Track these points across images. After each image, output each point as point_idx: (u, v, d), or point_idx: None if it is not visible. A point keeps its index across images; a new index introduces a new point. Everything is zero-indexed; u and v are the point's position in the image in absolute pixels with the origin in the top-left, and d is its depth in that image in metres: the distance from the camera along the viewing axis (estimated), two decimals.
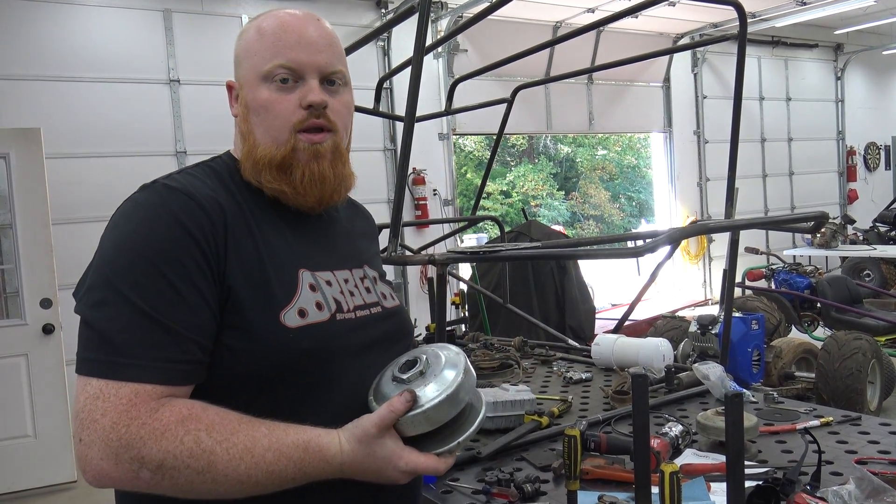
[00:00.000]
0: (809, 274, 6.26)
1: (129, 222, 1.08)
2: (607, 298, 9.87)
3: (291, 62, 1.17)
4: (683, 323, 4.98)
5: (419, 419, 1.07)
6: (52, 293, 4.75)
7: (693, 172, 10.27)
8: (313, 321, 1.13)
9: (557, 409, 2.32)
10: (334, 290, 1.20)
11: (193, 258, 1.05)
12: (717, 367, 2.37)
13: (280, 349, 1.09)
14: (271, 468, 1.00)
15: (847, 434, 2.01)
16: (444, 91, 7.75)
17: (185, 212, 1.07)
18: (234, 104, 1.26)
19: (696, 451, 1.95)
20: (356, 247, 1.35)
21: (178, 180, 1.13)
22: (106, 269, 1.05)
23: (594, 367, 2.93)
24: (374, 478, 1.09)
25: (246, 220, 1.14)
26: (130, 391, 0.98)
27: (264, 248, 1.13)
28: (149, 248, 1.04)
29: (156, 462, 0.96)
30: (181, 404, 1.01)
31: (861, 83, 12.47)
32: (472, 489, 1.79)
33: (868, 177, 12.55)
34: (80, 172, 5.93)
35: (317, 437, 1.05)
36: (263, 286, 1.10)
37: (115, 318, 1.00)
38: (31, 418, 4.71)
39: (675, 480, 1.19)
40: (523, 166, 20.73)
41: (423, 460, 1.08)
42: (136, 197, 1.12)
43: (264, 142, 1.19)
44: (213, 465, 0.97)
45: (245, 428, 1.01)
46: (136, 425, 0.96)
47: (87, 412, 0.97)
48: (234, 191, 1.17)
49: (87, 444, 0.97)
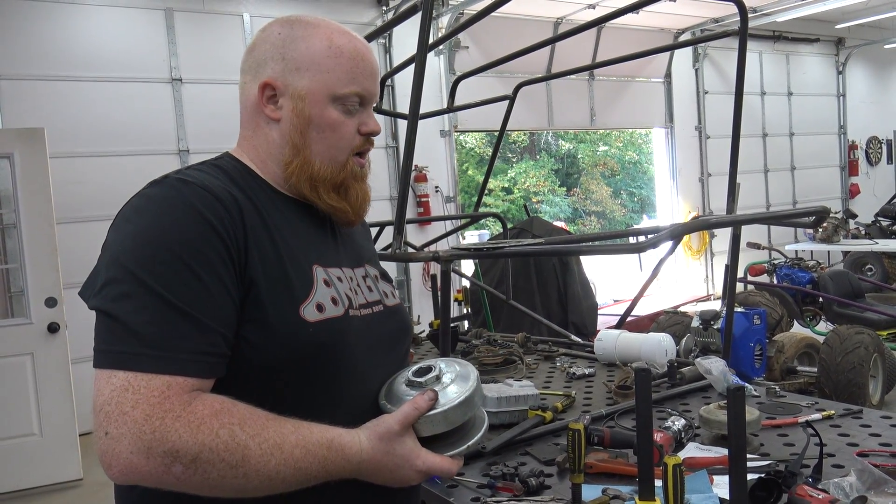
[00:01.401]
0: (811, 269, 6.26)
1: (144, 216, 1.06)
2: (609, 294, 9.88)
3: (366, 92, 1.22)
4: (686, 318, 5.00)
5: (438, 419, 1.11)
6: (56, 292, 4.77)
7: (695, 168, 10.27)
8: (330, 316, 1.14)
9: (561, 405, 2.34)
10: (345, 287, 1.22)
11: (216, 250, 1.03)
12: (720, 361, 2.38)
13: (299, 342, 1.10)
14: (299, 465, 1.01)
15: (849, 427, 2.03)
16: (446, 88, 7.76)
17: (204, 204, 1.05)
18: (268, 105, 1.21)
19: (699, 445, 1.97)
20: (356, 246, 1.37)
21: (191, 175, 1.12)
22: (127, 262, 1.01)
23: (597, 363, 2.94)
24: (387, 477, 1.11)
25: (261, 216, 1.13)
26: (162, 383, 0.96)
27: (281, 243, 1.13)
28: (171, 240, 1.02)
29: (191, 455, 0.94)
30: (212, 398, 1.00)
31: (862, 77, 12.46)
32: (478, 483, 1.81)
33: (870, 171, 12.55)
34: (84, 172, 5.96)
35: (339, 436, 1.06)
36: (282, 280, 1.11)
37: (141, 309, 0.98)
38: (37, 417, 4.74)
39: (679, 473, 1.21)
40: (525, 162, 20.72)
41: (439, 461, 1.11)
42: (147, 192, 1.10)
43: (322, 160, 1.21)
44: (246, 459, 0.97)
45: (273, 424, 1.01)
46: (170, 418, 0.94)
47: (116, 404, 0.94)
48: (245, 188, 1.16)
49: (115, 437, 0.93)
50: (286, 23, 1.22)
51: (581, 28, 3.13)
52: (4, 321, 4.98)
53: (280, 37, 1.20)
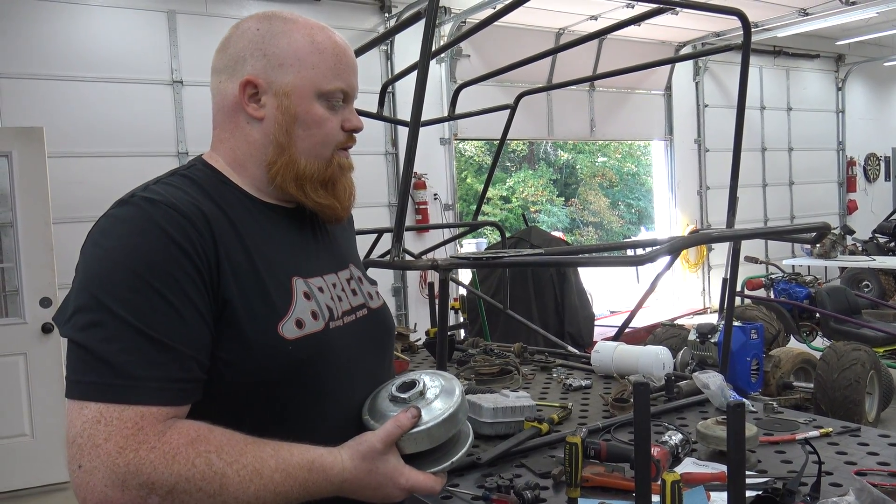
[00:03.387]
0: (809, 284, 6.26)
1: (110, 238, 1.02)
2: (606, 305, 9.88)
3: (349, 88, 1.21)
4: (682, 331, 4.99)
5: (422, 436, 1.10)
6: (51, 292, 4.75)
7: (693, 181, 10.29)
8: (310, 331, 1.12)
9: (557, 416, 2.32)
10: (326, 297, 1.19)
11: (185, 271, 1.00)
12: (717, 376, 2.37)
13: (278, 361, 1.07)
14: (279, 489, 0.99)
15: (846, 445, 2.02)
16: (446, 96, 7.77)
17: (171, 224, 1.02)
18: (250, 104, 1.17)
19: (696, 460, 1.95)
20: (338, 247, 1.33)
21: (158, 192, 1.07)
22: (94, 289, 0.98)
23: (594, 375, 2.93)
24: (370, 495, 1.10)
25: (234, 229, 1.10)
26: (135, 414, 0.94)
27: (257, 257, 1.10)
28: (137, 264, 0.98)
29: (167, 487, 0.92)
30: (188, 426, 0.98)
31: (862, 94, 12.50)
32: (472, 495, 1.79)
33: (868, 188, 12.58)
34: (82, 172, 5.93)
35: (320, 457, 1.05)
36: (260, 296, 1.08)
37: (111, 338, 0.95)
38: (29, 417, 4.71)
39: (677, 489, 1.20)
40: (523, 172, 20.75)
41: (423, 478, 1.10)
42: (113, 212, 1.06)
43: (308, 157, 1.18)
44: (224, 487, 0.95)
45: (252, 449, 0.99)
46: (144, 449, 0.92)
47: (88, 437, 0.92)
48: (217, 199, 1.12)
49: (88, 471, 0.91)
50: (263, 18, 1.18)
51: (582, 39, 3.13)
52: None
53: (259, 33, 1.16)
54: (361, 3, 7.39)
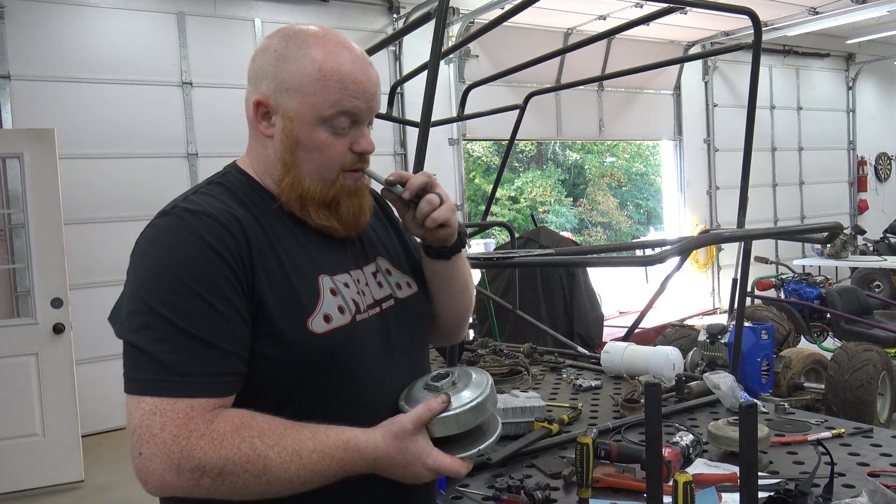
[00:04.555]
0: (819, 284, 6.23)
1: (156, 248, 1.13)
2: (615, 306, 9.85)
3: (356, 112, 1.21)
4: (692, 332, 4.96)
5: (450, 421, 1.17)
6: (63, 293, 4.77)
7: (703, 181, 10.25)
8: (337, 325, 1.19)
9: (567, 417, 2.32)
10: (352, 292, 1.25)
11: (224, 276, 1.10)
12: (728, 376, 2.36)
13: (309, 354, 1.15)
14: (317, 468, 1.08)
15: (859, 446, 2.01)
16: (455, 96, 7.77)
17: (209, 233, 1.11)
18: (262, 122, 1.23)
19: (708, 461, 1.94)
20: (366, 241, 1.37)
21: (196, 202, 1.16)
22: (143, 294, 1.10)
23: (603, 375, 2.92)
24: (400, 473, 1.16)
25: (266, 235, 1.18)
26: (186, 406, 1.05)
27: (286, 259, 1.18)
28: (181, 271, 1.09)
29: (216, 469, 1.03)
30: (233, 414, 1.08)
31: (872, 93, 12.43)
32: (483, 495, 1.79)
33: (878, 187, 12.50)
34: (92, 173, 5.97)
35: (354, 437, 1.12)
36: (290, 296, 1.16)
37: (161, 339, 1.06)
38: (40, 417, 4.73)
39: (689, 491, 1.19)
40: (532, 172, 20.69)
41: (449, 461, 1.16)
42: (157, 223, 1.16)
43: (311, 178, 1.22)
44: (267, 468, 1.05)
45: (291, 432, 1.08)
46: (195, 437, 1.03)
47: (146, 427, 1.03)
48: (251, 206, 1.20)
49: (147, 457, 1.03)
50: (284, 37, 1.23)
51: (591, 39, 3.13)
52: (10, 321, 4.98)
53: (276, 54, 1.21)
54: (370, 4, 7.39)
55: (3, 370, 4.66)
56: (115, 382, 4.48)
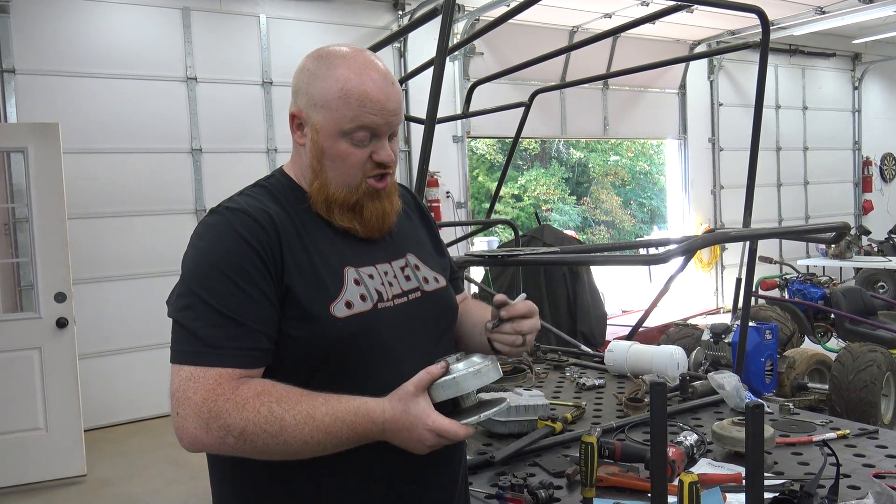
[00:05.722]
0: (824, 284, 6.20)
1: (202, 241, 1.31)
2: (618, 304, 9.83)
3: (374, 127, 1.35)
4: (696, 331, 4.95)
5: (449, 383, 1.26)
6: (66, 287, 4.77)
7: (707, 180, 10.22)
8: (358, 311, 1.33)
9: (571, 416, 2.31)
10: (376, 283, 1.38)
11: (255, 265, 1.27)
12: (733, 376, 2.35)
13: (331, 336, 1.29)
14: (330, 430, 1.21)
15: (864, 447, 2.00)
16: (459, 93, 7.75)
17: (245, 228, 1.29)
18: (297, 132, 1.40)
19: (712, 461, 1.94)
20: (399, 239, 1.49)
21: (238, 202, 1.35)
22: (188, 280, 1.28)
23: (607, 374, 2.92)
24: (406, 437, 1.25)
25: (297, 230, 1.34)
26: (216, 374, 1.21)
27: (314, 252, 1.34)
28: (219, 261, 1.27)
29: (239, 429, 1.18)
30: (256, 382, 1.24)
31: (878, 93, 12.38)
32: (486, 493, 1.79)
33: (883, 188, 12.45)
34: (96, 168, 5.96)
35: (364, 403, 1.24)
36: (316, 283, 1.31)
37: (199, 317, 1.24)
38: (43, 411, 4.73)
39: (695, 491, 1.18)
40: (535, 170, 20.67)
41: (448, 422, 1.24)
42: (206, 220, 1.35)
43: (336, 184, 1.37)
44: (283, 429, 1.19)
45: (306, 399, 1.22)
46: (222, 400, 1.19)
47: (182, 391, 1.21)
48: (287, 207, 1.37)
49: (182, 416, 1.20)
50: (318, 57, 1.38)
51: (597, 37, 3.12)
52: (13, 315, 4.99)
53: (308, 72, 1.37)
54: (374, 1, 7.37)
55: (7, 364, 4.66)
56: (118, 377, 4.55)
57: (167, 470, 4.83)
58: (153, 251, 6.04)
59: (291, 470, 1.28)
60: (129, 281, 6.05)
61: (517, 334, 1.39)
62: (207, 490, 1.43)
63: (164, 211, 6.20)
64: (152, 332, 5.71)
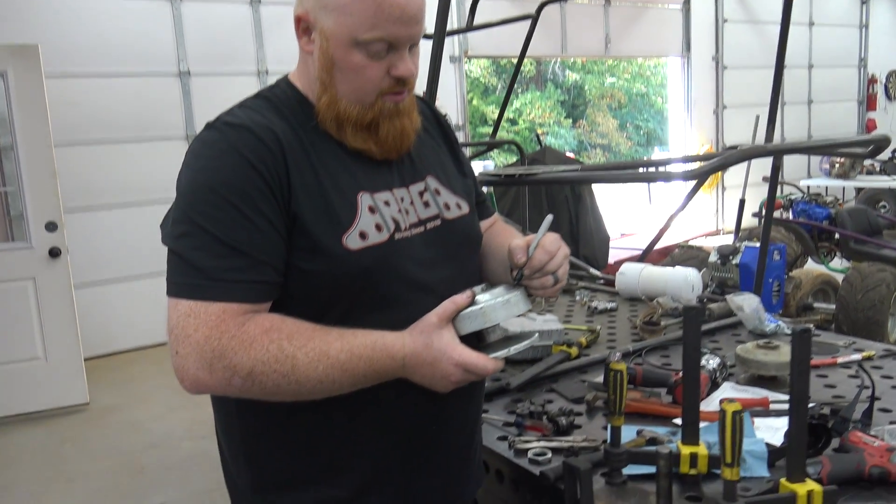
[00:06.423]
0: (829, 205, 6.12)
1: (198, 160, 1.16)
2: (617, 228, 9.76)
3: (392, 38, 1.16)
4: (701, 253, 4.89)
5: (476, 314, 1.16)
6: (57, 216, 4.65)
7: (710, 99, 9.98)
8: (373, 242, 1.19)
9: (585, 340, 2.25)
10: (392, 210, 1.24)
11: (259, 189, 1.12)
12: (754, 298, 2.28)
13: (344, 270, 1.16)
14: (345, 367, 1.10)
15: (891, 369, 1.94)
16: (457, 11, 7.46)
17: (246, 146, 1.13)
18: (303, 37, 1.22)
19: (735, 385, 1.88)
20: (417, 160, 1.33)
21: (239, 116, 1.18)
22: (184, 205, 1.13)
23: (618, 297, 2.85)
24: (428, 372, 1.15)
25: (304, 150, 1.18)
26: (218, 309, 1.08)
27: (324, 175, 1.18)
28: (217, 183, 1.11)
29: (247, 369, 1.07)
30: (263, 318, 1.11)
31: (887, 8, 12.02)
32: (503, 421, 1.72)
33: (888, 106, 12.23)
34: (80, 93, 5.73)
35: (382, 337, 1.14)
36: (326, 212, 1.16)
37: (198, 247, 1.10)
38: (41, 341, 4.69)
39: (738, 421, 1.11)
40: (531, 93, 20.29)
41: (475, 356, 1.14)
42: (201, 136, 1.18)
43: (348, 99, 1.20)
44: (295, 368, 1.08)
45: (319, 334, 1.11)
46: (226, 338, 1.07)
47: (181, 328, 1.08)
48: (292, 120, 1.20)
49: (182, 356, 1.08)
50: None
51: None
52: (5, 245, 4.87)
53: None
54: None
55: (1, 295, 4.59)
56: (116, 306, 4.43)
57: (170, 396, 4.82)
58: (144, 179, 5.88)
59: (302, 410, 1.17)
60: (121, 209, 5.91)
61: (547, 275, 1.25)
62: (212, 415, 1.34)
63: (154, 137, 6.00)
64: (148, 260, 5.61)
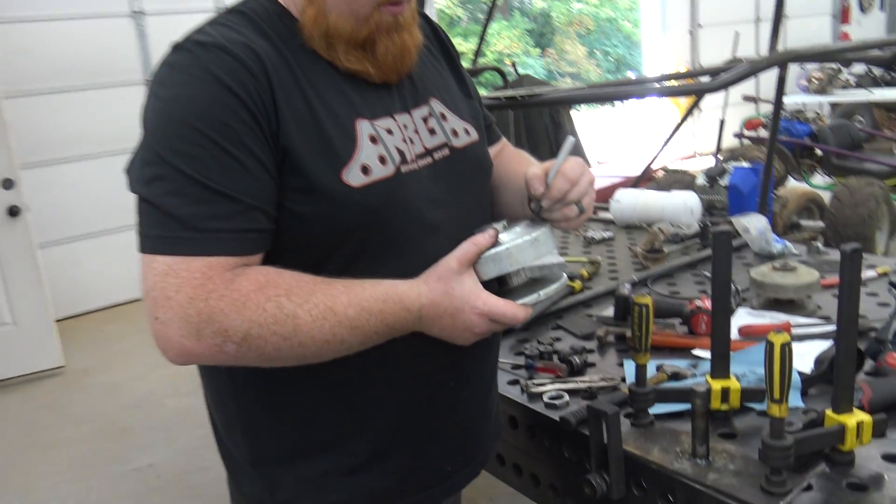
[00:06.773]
0: (811, 121, 6.03)
1: (166, 88, 0.97)
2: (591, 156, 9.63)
3: None
4: (686, 176, 4.79)
5: (502, 255, 1.03)
6: (12, 173, 4.38)
7: (684, 19, 9.73)
8: (378, 178, 1.03)
9: (587, 272, 2.14)
10: (396, 139, 1.07)
11: (242, 120, 0.94)
12: (761, 218, 2.18)
13: (346, 210, 0.99)
14: (354, 323, 0.97)
15: None
16: None
17: (224, 70, 0.94)
18: None
19: (750, 310, 1.78)
20: (419, 80, 1.17)
21: (211, 34, 0.99)
22: (153, 142, 0.95)
23: (613, 226, 2.73)
24: (449, 324, 1.04)
25: (291, 71, 1.01)
26: (202, 265, 0.92)
27: (316, 100, 1.01)
28: (192, 114, 0.93)
29: (241, 333, 0.92)
30: (256, 272, 0.95)
31: None
32: (512, 364, 1.61)
33: (861, 19, 12.08)
34: (27, 38, 5.36)
35: (394, 286, 1.01)
36: (321, 143, 0.99)
37: (173, 192, 0.92)
38: (7, 305, 4.48)
39: (788, 353, 1.00)
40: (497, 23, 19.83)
41: (502, 303, 1.03)
42: (169, 60, 0.99)
43: (339, 12, 1.02)
44: (298, 328, 0.94)
45: (322, 288, 0.96)
46: (214, 298, 0.91)
47: (160, 290, 0.91)
48: (275, 38, 1.02)
49: (163, 322, 0.92)
50: None
51: None
52: None
53: None
54: None
55: None
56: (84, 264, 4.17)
57: (149, 354, 4.63)
58: (103, 129, 5.57)
59: (304, 374, 1.03)
60: (81, 163, 5.62)
61: (569, 205, 1.11)
62: (195, 372, 1.18)
63: (109, 83, 5.65)
64: (115, 214, 5.38)
